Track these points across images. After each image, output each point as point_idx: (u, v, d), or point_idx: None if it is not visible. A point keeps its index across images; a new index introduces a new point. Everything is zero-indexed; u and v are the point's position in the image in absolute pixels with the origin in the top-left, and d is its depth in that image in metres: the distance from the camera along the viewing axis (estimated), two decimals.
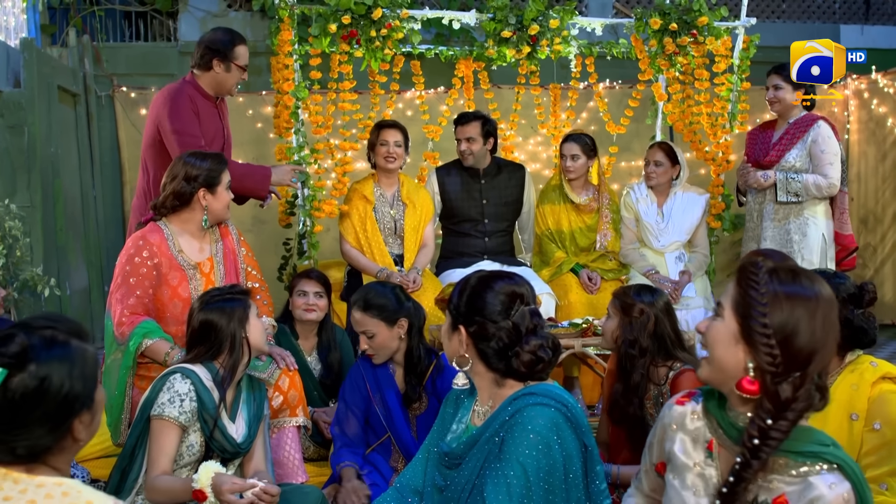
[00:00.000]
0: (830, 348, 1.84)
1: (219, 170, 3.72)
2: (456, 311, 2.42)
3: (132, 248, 3.61)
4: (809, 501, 1.79)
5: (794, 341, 1.81)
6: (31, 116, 6.55)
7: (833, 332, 1.84)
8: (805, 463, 1.83)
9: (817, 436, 1.87)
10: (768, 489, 1.85)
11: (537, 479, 2.20)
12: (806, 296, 1.84)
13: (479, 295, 2.38)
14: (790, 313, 1.82)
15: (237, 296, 3.15)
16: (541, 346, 2.33)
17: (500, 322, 2.33)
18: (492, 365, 2.37)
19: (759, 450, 1.82)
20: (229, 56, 4.39)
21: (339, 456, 3.61)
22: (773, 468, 1.85)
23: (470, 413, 2.49)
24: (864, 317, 2.91)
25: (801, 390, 1.81)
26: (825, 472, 1.81)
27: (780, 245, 5.07)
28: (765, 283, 1.86)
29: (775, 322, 1.82)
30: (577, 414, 2.30)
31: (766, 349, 1.83)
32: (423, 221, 5.31)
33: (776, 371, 1.82)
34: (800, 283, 1.86)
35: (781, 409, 1.82)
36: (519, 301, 2.37)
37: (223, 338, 3.05)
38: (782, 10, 9.69)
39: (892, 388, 2.85)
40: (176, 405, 2.94)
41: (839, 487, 1.79)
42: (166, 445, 2.94)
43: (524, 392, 2.32)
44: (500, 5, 5.37)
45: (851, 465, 1.83)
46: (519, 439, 2.22)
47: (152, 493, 2.93)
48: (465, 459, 2.36)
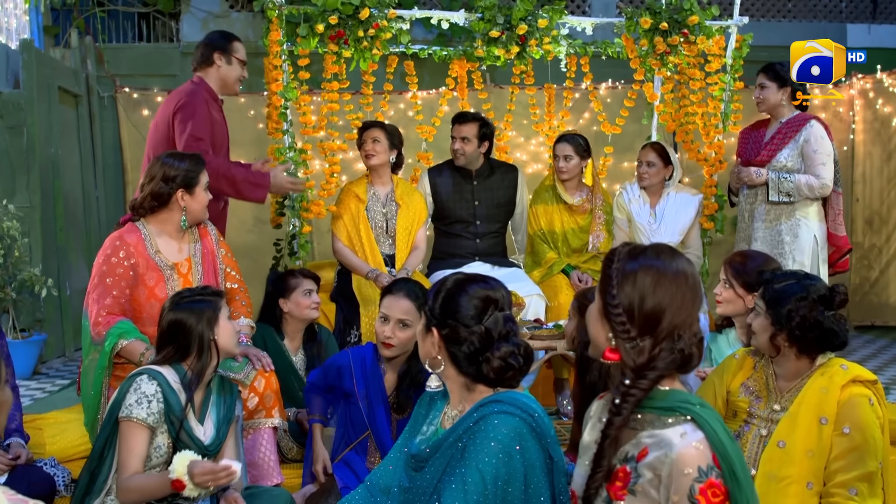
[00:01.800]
0: (682, 315, 1.96)
1: (196, 171, 3.72)
2: (430, 312, 2.41)
3: (109, 249, 3.62)
4: (663, 451, 1.89)
5: (640, 308, 1.96)
6: (31, 117, 6.60)
7: (684, 299, 1.97)
8: (667, 418, 1.95)
9: (684, 395, 1.99)
10: (637, 444, 1.96)
11: (495, 487, 2.18)
12: (650, 265, 1.99)
13: (453, 298, 2.36)
14: (634, 284, 1.98)
15: (208, 297, 3.13)
16: (512, 353, 2.31)
17: (473, 326, 2.32)
18: (462, 369, 2.35)
19: (619, 408, 1.96)
20: (228, 49, 4.58)
21: (311, 402, 3.76)
22: (642, 425, 1.98)
23: (441, 416, 2.48)
24: (834, 319, 2.87)
25: (655, 354, 1.96)
26: (680, 424, 1.92)
27: (772, 246, 5.02)
28: (616, 262, 2.03)
29: (623, 294, 1.98)
30: (542, 424, 2.28)
31: (615, 317, 1.98)
32: (416, 223, 5.30)
33: (628, 336, 1.97)
34: (647, 256, 2.02)
35: (638, 371, 1.96)
36: (493, 306, 2.35)
37: (191, 339, 3.03)
38: (788, 10, 9.62)
39: (861, 391, 2.82)
40: (143, 406, 2.94)
41: (690, 437, 1.88)
42: (136, 446, 2.93)
43: (491, 399, 2.31)
44: (489, 5, 5.34)
45: (707, 418, 1.91)
46: (480, 446, 2.21)
47: (126, 494, 2.92)
48: (429, 462, 2.35)
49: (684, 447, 1.86)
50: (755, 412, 2.98)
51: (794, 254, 4.99)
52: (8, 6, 7.18)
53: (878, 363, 6.80)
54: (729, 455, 1.87)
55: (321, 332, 4.63)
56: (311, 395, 3.77)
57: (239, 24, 8.60)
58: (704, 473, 1.84)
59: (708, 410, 1.95)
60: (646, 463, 1.90)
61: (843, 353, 6.79)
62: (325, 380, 3.72)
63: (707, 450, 1.86)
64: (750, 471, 2.87)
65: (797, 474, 2.79)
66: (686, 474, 1.84)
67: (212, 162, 4.34)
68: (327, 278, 5.45)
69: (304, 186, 4.87)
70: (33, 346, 6.46)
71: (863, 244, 8.16)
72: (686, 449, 1.86)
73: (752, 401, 3.01)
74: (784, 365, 2.95)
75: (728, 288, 3.80)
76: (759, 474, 2.85)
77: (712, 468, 1.85)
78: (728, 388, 3.08)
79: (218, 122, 4.53)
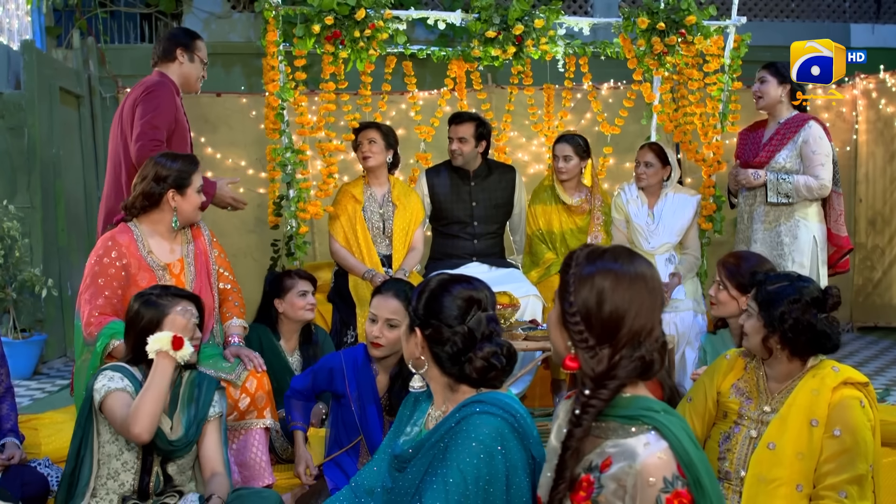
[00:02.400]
0: (641, 320, 1.91)
1: (189, 171, 3.71)
2: (414, 313, 2.41)
3: (101, 249, 3.61)
4: (627, 462, 1.83)
5: (597, 314, 1.90)
6: (31, 118, 6.62)
7: (643, 303, 1.90)
8: (630, 427, 1.89)
9: (647, 402, 1.93)
10: (601, 454, 1.90)
11: (476, 487, 2.17)
12: (607, 269, 1.92)
13: (436, 298, 2.36)
14: (591, 288, 1.91)
15: (171, 297, 3.10)
16: (494, 353, 2.31)
17: (456, 327, 2.32)
18: (445, 369, 2.35)
19: (579, 419, 1.89)
20: (191, 47, 4.49)
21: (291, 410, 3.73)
22: (606, 434, 1.92)
23: (425, 417, 2.47)
24: (827, 321, 2.85)
25: (615, 362, 1.90)
26: (643, 434, 1.86)
27: (771, 248, 5.00)
28: (573, 266, 1.97)
29: (579, 299, 1.92)
30: (525, 424, 2.27)
31: (573, 325, 1.93)
32: (413, 224, 5.30)
33: (586, 345, 1.91)
34: (604, 260, 1.95)
35: (598, 381, 1.90)
36: (476, 306, 2.35)
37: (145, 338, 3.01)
38: (791, 10, 9.59)
39: (853, 393, 2.80)
40: (116, 381, 2.94)
41: (654, 447, 1.83)
42: (127, 405, 2.87)
43: (473, 399, 2.30)
44: (485, 5, 5.33)
45: (670, 426, 1.86)
46: (462, 446, 2.20)
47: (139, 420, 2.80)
48: (411, 463, 2.35)
49: (648, 457, 1.81)
50: (745, 413, 2.97)
51: (793, 255, 4.97)
52: (10, 7, 7.21)
53: (880, 364, 6.77)
54: (694, 463, 1.83)
55: (317, 332, 4.64)
56: (291, 402, 3.74)
57: (241, 24, 8.62)
58: (670, 483, 1.79)
59: (672, 418, 1.90)
60: (609, 474, 1.85)
61: (845, 355, 6.80)
62: (314, 384, 3.70)
63: (671, 459, 1.82)
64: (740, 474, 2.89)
65: (787, 476, 2.77)
66: (651, 484, 1.79)
67: None
68: (325, 279, 5.45)
69: (244, 205, 4.60)
70: (34, 346, 6.48)
71: (866, 245, 8.13)
72: (650, 459, 1.81)
73: (742, 402, 2.99)
74: (775, 366, 2.94)
75: (722, 290, 3.79)
76: (749, 476, 2.84)
77: (678, 478, 1.81)
78: (718, 389, 3.07)
79: (181, 118, 4.44)
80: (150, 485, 3.01)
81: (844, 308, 8.27)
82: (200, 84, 4.63)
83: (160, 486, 3.04)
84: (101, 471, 3.01)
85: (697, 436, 3.08)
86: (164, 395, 2.89)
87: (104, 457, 3.02)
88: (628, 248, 2.05)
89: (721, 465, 2.97)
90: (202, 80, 4.62)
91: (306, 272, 4.62)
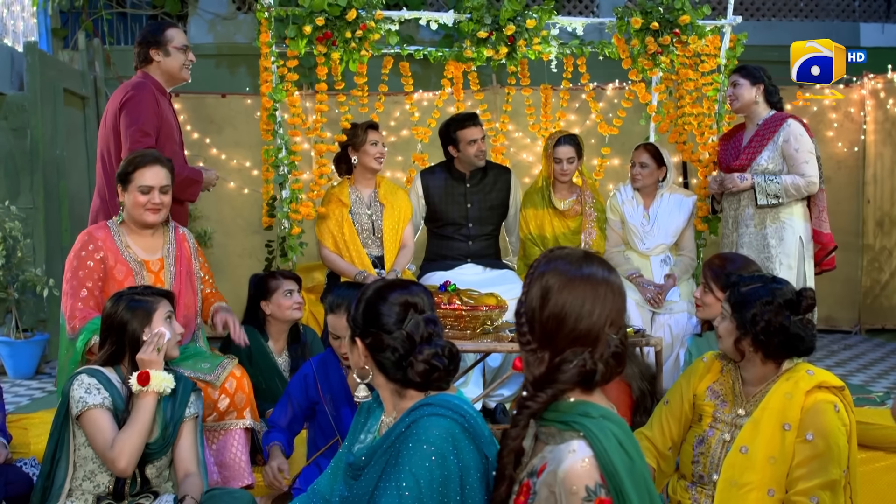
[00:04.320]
0: (584, 325, 1.87)
1: (131, 167, 3.71)
2: (353, 323, 2.40)
3: (78, 244, 3.68)
4: (554, 468, 1.82)
5: (539, 315, 1.89)
6: (34, 119, 6.67)
7: (583, 307, 1.87)
8: (565, 432, 1.87)
9: (585, 408, 1.89)
10: (541, 459, 1.89)
11: (431, 490, 2.15)
12: (558, 270, 1.91)
13: (373, 306, 2.35)
14: (538, 289, 1.91)
15: (148, 297, 3.11)
16: (435, 354, 2.28)
17: (395, 332, 2.30)
18: (390, 376, 2.34)
19: (515, 419, 1.90)
20: (161, 41, 4.44)
21: (268, 436, 3.66)
22: (547, 438, 1.91)
23: (378, 423, 2.46)
24: (801, 324, 2.82)
25: (555, 366, 1.87)
26: (573, 440, 1.84)
27: (758, 251, 4.93)
28: (533, 268, 1.96)
29: (528, 299, 1.92)
30: (476, 424, 2.25)
31: (518, 326, 1.93)
32: (402, 222, 5.28)
33: (529, 347, 1.92)
34: (558, 261, 1.94)
35: (536, 384, 1.90)
36: (413, 310, 2.34)
37: (125, 338, 3.04)
38: (799, 9, 9.50)
39: (827, 397, 2.77)
40: (94, 394, 2.95)
41: (579, 454, 1.80)
42: (106, 428, 2.93)
43: (422, 403, 2.28)
44: (477, 5, 5.30)
45: (599, 434, 1.82)
46: (413, 450, 2.18)
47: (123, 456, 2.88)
48: (365, 470, 2.33)
49: (571, 464, 1.79)
50: (720, 417, 2.94)
51: (780, 257, 4.92)
52: (14, 9, 7.25)
53: (887, 366, 6.69)
54: (618, 472, 1.78)
55: (306, 332, 4.64)
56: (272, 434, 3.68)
57: (245, 25, 8.63)
58: (593, 492, 1.77)
59: (607, 424, 1.84)
60: (541, 480, 1.84)
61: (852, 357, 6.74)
62: (293, 409, 3.69)
63: (594, 468, 1.78)
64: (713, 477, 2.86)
65: (758, 481, 2.74)
66: (573, 492, 1.77)
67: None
68: (319, 280, 5.46)
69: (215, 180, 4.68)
70: (36, 346, 6.51)
71: (873, 246, 8.03)
72: (573, 466, 1.79)
73: (717, 405, 2.97)
74: (750, 370, 2.91)
75: (707, 292, 3.76)
76: (721, 480, 2.81)
77: (600, 486, 1.77)
78: (694, 392, 3.04)
79: (167, 115, 4.44)
80: (127, 487, 3.02)
81: (852, 310, 8.21)
82: (188, 71, 4.57)
83: (136, 487, 3.05)
84: (78, 472, 3.03)
85: (674, 439, 3.06)
86: (148, 428, 2.95)
87: (80, 459, 3.04)
88: (588, 252, 2.01)
89: (695, 468, 2.95)
90: (189, 66, 4.56)
91: (290, 272, 4.62)
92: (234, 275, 7.03)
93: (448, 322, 4.18)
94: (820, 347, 7.06)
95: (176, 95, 7.15)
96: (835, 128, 8.06)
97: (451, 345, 2.35)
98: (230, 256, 7.67)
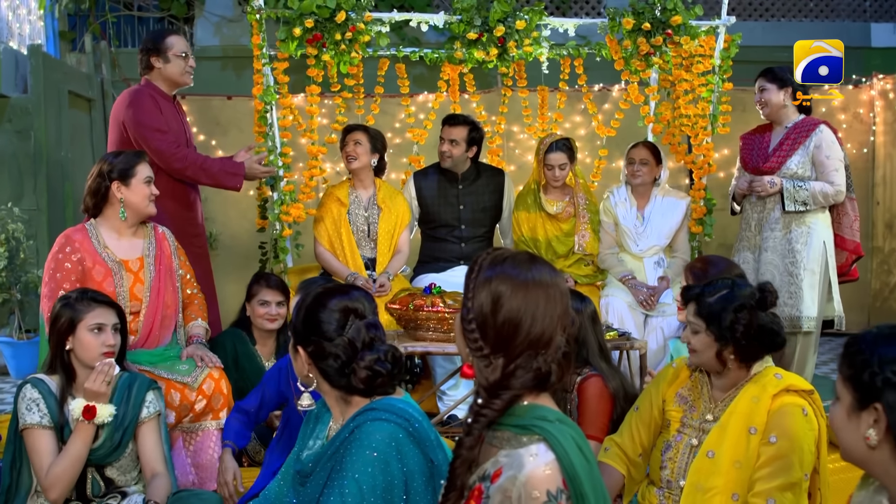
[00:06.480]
0: (538, 329, 1.85)
1: (133, 162, 3.77)
2: (294, 331, 2.38)
3: (56, 247, 3.70)
4: (514, 473, 1.78)
5: (492, 321, 1.85)
6: (38, 121, 6.72)
7: (537, 311, 1.85)
8: (522, 437, 1.83)
9: (542, 412, 1.86)
10: (495, 463, 1.85)
11: (374, 496, 2.14)
12: (506, 275, 1.87)
13: (313, 313, 2.33)
14: (487, 294, 1.86)
15: (82, 301, 3.09)
16: (377, 359, 2.26)
17: (336, 339, 2.29)
18: (334, 383, 2.32)
19: (470, 427, 1.86)
20: (161, 48, 4.56)
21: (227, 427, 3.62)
22: (501, 443, 1.86)
23: (327, 430, 2.45)
24: (771, 318, 2.79)
25: (510, 372, 1.84)
26: (533, 444, 1.80)
27: (782, 255, 4.83)
28: (475, 271, 1.91)
29: (476, 305, 1.88)
30: (421, 429, 2.23)
31: (469, 332, 1.88)
32: (399, 227, 5.27)
33: (481, 353, 1.87)
34: (505, 265, 1.90)
35: (491, 390, 1.86)
36: (353, 315, 2.32)
37: (55, 342, 3.07)
38: (810, 9, 9.41)
39: (794, 400, 2.74)
40: (34, 412, 2.98)
41: (541, 458, 1.78)
42: (43, 449, 2.97)
43: (366, 408, 2.27)
44: (467, 6, 5.28)
45: (560, 438, 1.80)
46: (356, 456, 2.17)
47: (56, 488, 2.92)
48: (311, 477, 2.32)
49: (533, 469, 1.76)
50: (687, 422, 2.91)
51: (804, 262, 4.81)
52: (20, 13, 7.32)
53: None
54: (578, 476, 1.77)
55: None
56: (231, 419, 3.66)
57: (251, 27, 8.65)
58: (554, 497, 1.74)
59: (564, 428, 1.83)
60: (497, 485, 1.80)
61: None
62: (262, 399, 3.67)
63: (557, 472, 1.76)
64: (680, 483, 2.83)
65: (723, 485, 2.71)
66: (535, 498, 1.74)
67: (188, 155, 4.52)
68: None
69: (276, 171, 4.96)
70: (38, 346, 6.56)
71: (883, 248, 7.93)
72: (535, 471, 1.76)
73: (685, 410, 2.94)
74: (724, 375, 2.87)
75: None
76: (687, 485, 2.79)
77: (562, 492, 1.75)
78: (663, 397, 3.01)
79: (171, 117, 4.55)
80: (89, 489, 3.03)
81: (862, 313, 8.10)
82: (190, 76, 4.68)
83: (100, 489, 3.06)
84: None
85: (644, 445, 3.03)
86: (83, 458, 2.95)
87: None
88: (532, 255, 1.98)
89: (663, 473, 2.92)
90: (189, 71, 4.66)
91: (280, 280, 4.59)
92: (239, 276, 7.03)
93: (431, 324, 4.17)
94: (829, 350, 6.99)
95: (182, 97, 7.18)
96: (843, 129, 7.95)
97: (394, 349, 2.33)
98: (236, 258, 7.67)
